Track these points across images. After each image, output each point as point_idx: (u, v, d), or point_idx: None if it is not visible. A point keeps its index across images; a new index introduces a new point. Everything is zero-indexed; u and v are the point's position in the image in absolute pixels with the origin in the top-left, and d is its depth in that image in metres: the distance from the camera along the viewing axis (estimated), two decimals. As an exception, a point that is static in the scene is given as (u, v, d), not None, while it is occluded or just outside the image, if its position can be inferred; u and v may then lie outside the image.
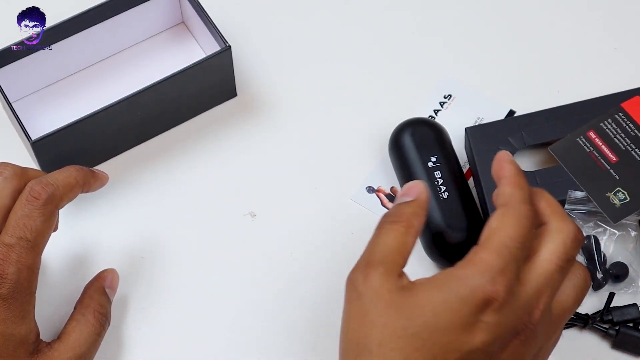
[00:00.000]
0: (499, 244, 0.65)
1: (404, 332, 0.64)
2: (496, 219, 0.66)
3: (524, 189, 0.68)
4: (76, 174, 0.76)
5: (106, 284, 0.80)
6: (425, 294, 0.65)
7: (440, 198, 0.83)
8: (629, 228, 0.83)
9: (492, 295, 0.64)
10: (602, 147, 0.85)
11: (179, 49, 0.94)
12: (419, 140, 0.85)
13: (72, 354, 0.75)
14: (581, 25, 0.97)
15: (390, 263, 0.67)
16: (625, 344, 0.81)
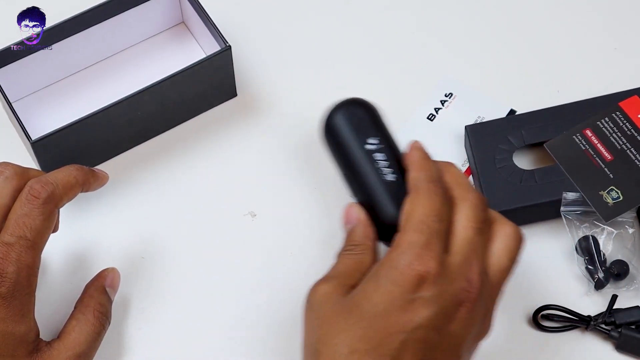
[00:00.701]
0: (416, 223, 0.68)
1: (346, 326, 0.66)
2: (409, 203, 0.69)
3: (429, 170, 0.71)
4: (76, 173, 0.76)
5: (107, 283, 0.80)
6: (361, 288, 0.68)
7: (387, 181, 0.75)
8: (626, 225, 0.83)
9: (422, 270, 0.66)
10: (598, 146, 0.85)
11: (179, 49, 0.94)
12: (353, 122, 0.78)
13: (71, 353, 0.75)
14: (581, 25, 0.97)
15: (343, 278, 0.70)
16: (628, 346, 0.81)
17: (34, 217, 0.73)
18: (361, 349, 0.66)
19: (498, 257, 0.70)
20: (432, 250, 0.67)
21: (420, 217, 0.68)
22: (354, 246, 0.71)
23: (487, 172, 0.86)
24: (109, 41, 0.92)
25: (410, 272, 0.66)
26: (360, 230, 0.72)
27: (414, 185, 0.71)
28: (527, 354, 0.82)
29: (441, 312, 0.66)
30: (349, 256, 0.71)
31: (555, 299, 0.83)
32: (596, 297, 0.83)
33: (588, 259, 0.83)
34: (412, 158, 0.72)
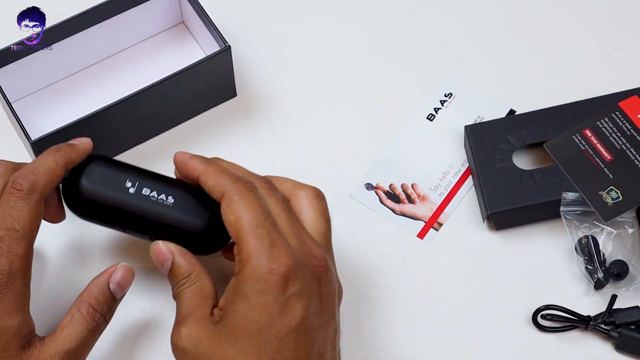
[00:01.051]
0: (250, 228, 0.69)
1: (236, 350, 0.68)
2: (229, 212, 0.70)
3: (221, 171, 0.72)
4: (54, 156, 0.75)
5: (112, 280, 0.77)
6: (234, 311, 0.68)
7: (171, 204, 0.76)
8: (626, 225, 0.83)
9: (283, 270, 0.68)
10: (598, 146, 0.85)
11: (179, 49, 0.94)
12: (100, 182, 0.76)
13: (61, 349, 0.73)
14: (581, 25, 0.97)
15: (196, 311, 0.71)
16: (628, 346, 0.81)
17: (19, 208, 0.73)
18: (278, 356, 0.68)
19: (314, 222, 0.73)
20: (279, 247, 0.69)
21: (250, 222, 0.69)
22: (185, 279, 0.73)
23: (486, 172, 0.86)
24: (109, 41, 0.92)
25: (274, 276, 0.68)
26: (181, 261, 0.74)
27: (220, 193, 0.71)
28: (527, 354, 0.82)
29: (311, 296, 0.69)
30: (187, 289, 0.72)
31: (555, 299, 0.83)
32: (596, 297, 0.83)
33: (588, 259, 0.83)
34: (196, 170, 0.73)
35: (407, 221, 0.88)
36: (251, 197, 0.71)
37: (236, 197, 0.71)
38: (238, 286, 0.69)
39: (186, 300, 0.72)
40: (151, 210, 0.76)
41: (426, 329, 0.83)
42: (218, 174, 0.72)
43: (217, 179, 0.72)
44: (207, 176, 0.73)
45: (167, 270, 0.74)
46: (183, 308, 0.72)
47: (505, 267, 0.85)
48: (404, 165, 0.90)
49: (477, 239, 0.86)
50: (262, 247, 0.69)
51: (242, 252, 0.69)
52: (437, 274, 0.85)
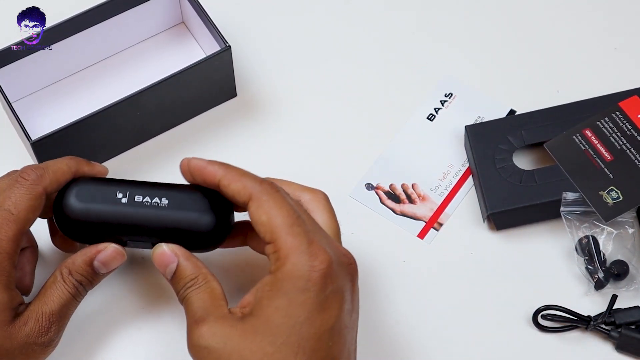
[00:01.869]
0: (286, 227, 0.70)
1: (273, 348, 0.67)
2: (262, 214, 0.70)
3: (243, 173, 0.73)
4: (68, 161, 0.77)
5: (99, 258, 0.77)
6: (270, 307, 0.68)
7: (166, 208, 0.76)
8: (626, 226, 0.83)
9: (324, 267, 0.68)
10: (598, 146, 0.85)
11: (179, 49, 0.94)
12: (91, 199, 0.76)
13: (46, 309, 0.75)
14: (581, 25, 0.97)
15: (214, 311, 0.71)
16: (628, 346, 0.81)
17: (20, 194, 0.74)
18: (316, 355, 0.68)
19: (328, 224, 0.74)
20: (316, 245, 0.69)
21: (285, 221, 0.70)
22: (192, 281, 0.73)
23: (487, 172, 0.86)
24: (109, 41, 0.92)
25: (315, 274, 0.68)
26: (187, 264, 0.74)
27: (247, 195, 0.72)
28: (527, 354, 0.82)
29: (345, 294, 0.70)
30: (196, 291, 0.72)
31: (555, 299, 0.83)
32: (596, 297, 0.83)
33: (588, 259, 0.83)
34: (216, 174, 0.73)
35: (408, 221, 0.88)
36: (280, 197, 0.71)
37: (265, 197, 0.71)
38: (277, 283, 0.69)
39: (199, 302, 0.72)
40: (150, 215, 0.75)
41: (426, 329, 0.83)
42: (241, 176, 0.73)
43: (241, 181, 0.72)
44: (229, 180, 0.73)
45: (170, 274, 0.74)
46: (197, 309, 0.71)
47: (505, 267, 0.85)
48: (404, 165, 0.90)
49: (477, 239, 0.86)
50: (302, 245, 0.69)
51: (279, 250, 0.69)
52: (437, 274, 0.85)
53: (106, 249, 0.76)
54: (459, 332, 0.83)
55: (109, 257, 0.77)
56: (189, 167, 0.75)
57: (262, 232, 0.71)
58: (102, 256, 0.77)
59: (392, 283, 0.84)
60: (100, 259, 0.76)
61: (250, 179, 0.73)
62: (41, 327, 0.74)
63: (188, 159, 0.75)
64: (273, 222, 0.70)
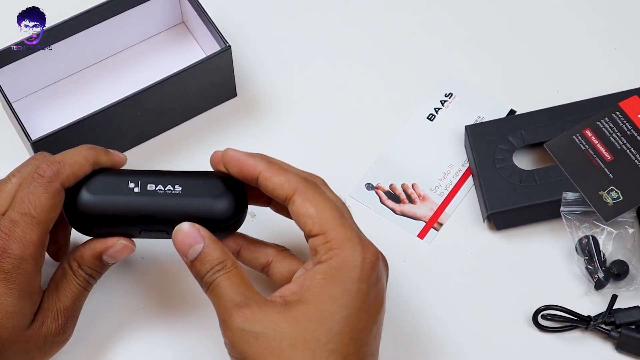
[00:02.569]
0: (335, 219, 0.70)
1: (328, 337, 0.67)
2: (310, 206, 0.71)
3: (291, 170, 0.73)
4: (85, 152, 0.75)
5: (108, 253, 0.76)
6: (324, 295, 0.68)
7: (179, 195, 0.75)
8: (626, 225, 0.83)
9: (374, 258, 0.70)
10: (598, 146, 0.85)
11: (179, 49, 0.94)
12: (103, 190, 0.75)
13: (61, 306, 0.75)
14: (581, 25, 0.97)
15: (254, 296, 0.70)
16: (628, 346, 0.81)
17: (38, 194, 0.73)
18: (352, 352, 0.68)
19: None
20: (364, 237, 0.70)
21: (334, 214, 0.71)
22: (220, 264, 0.71)
23: (487, 172, 0.86)
24: (109, 41, 0.92)
25: (368, 265, 0.69)
26: (215, 247, 0.72)
27: (291, 189, 0.72)
28: (527, 354, 0.82)
29: (385, 285, 0.71)
30: (227, 276, 0.71)
31: (555, 299, 0.83)
32: (596, 297, 0.83)
33: (588, 259, 0.83)
34: (257, 167, 0.73)
35: (408, 221, 0.88)
36: (322, 191, 0.72)
37: (311, 191, 0.72)
38: (331, 272, 0.69)
39: (233, 286, 0.70)
40: (164, 202, 0.74)
41: (426, 329, 0.83)
42: (284, 171, 0.73)
43: (285, 176, 0.72)
44: (271, 173, 0.73)
45: (194, 255, 0.72)
46: (234, 293, 0.70)
47: (505, 267, 0.85)
48: (404, 165, 0.90)
49: (477, 239, 0.86)
50: (354, 237, 0.70)
51: (331, 240, 0.70)
52: (437, 274, 0.85)
53: (115, 245, 0.76)
54: (459, 332, 0.83)
55: (119, 252, 0.76)
56: (225, 158, 0.74)
57: (309, 225, 0.71)
58: (112, 251, 0.76)
59: (392, 283, 0.84)
60: (109, 254, 0.76)
61: (293, 173, 0.73)
62: (58, 325, 0.75)
63: (224, 150, 0.75)
64: (322, 214, 0.70)
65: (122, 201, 0.75)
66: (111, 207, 0.75)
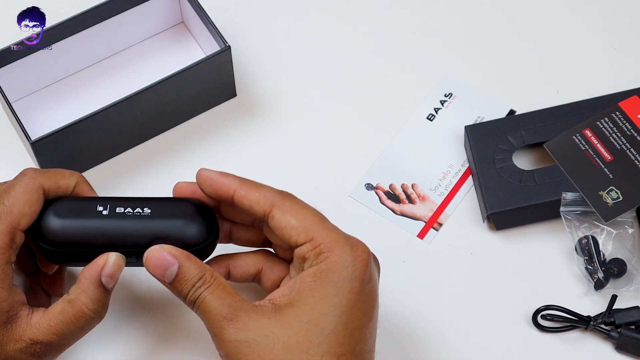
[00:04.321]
0: (318, 223, 0.71)
1: (321, 338, 0.67)
2: (288, 219, 0.71)
3: (264, 185, 0.73)
4: (73, 172, 0.76)
5: (104, 273, 0.72)
6: (314, 297, 0.68)
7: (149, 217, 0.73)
8: (626, 226, 0.83)
9: (366, 256, 0.70)
10: (598, 146, 0.85)
11: (179, 49, 0.94)
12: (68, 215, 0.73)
13: (42, 339, 0.71)
14: (581, 25, 0.97)
15: (241, 304, 0.69)
16: (628, 346, 0.81)
17: (14, 188, 0.73)
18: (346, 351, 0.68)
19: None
20: (352, 237, 0.71)
21: (316, 218, 0.71)
22: (200, 280, 0.70)
23: (486, 172, 0.86)
24: (109, 41, 0.92)
25: (359, 264, 0.69)
26: (190, 263, 0.71)
27: (268, 203, 0.71)
28: (527, 354, 0.82)
29: (377, 284, 0.72)
30: (209, 290, 0.70)
31: (555, 299, 0.83)
32: (596, 297, 0.83)
33: (588, 259, 0.83)
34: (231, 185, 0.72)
35: (407, 221, 0.88)
36: (299, 201, 0.72)
37: (289, 202, 0.71)
38: (322, 274, 0.69)
39: (218, 299, 0.70)
40: (133, 225, 0.73)
41: (426, 329, 0.83)
42: (258, 187, 0.72)
43: (259, 192, 0.72)
44: (245, 191, 0.72)
45: (171, 277, 0.71)
46: (220, 307, 0.69)
47: (505, 267, 0.85)
48: (404, 165, 0.90)
49: (477, 239, 0.86)
50: (341, 238, 0.70)
51: (320, 245, 0.70)
52: (436, 274, 0.85)
53: (107, 263, 0.73)
54: (458, 332, 0.83)
55: (114, 268, 0.73)
56: (199, 179, 0.74)
57: (294, 235, 0.70)
58: (107, 271, 0.72)
59: (392, 283, 0.84)
60: (106, 274, 0.72)
61: (268, 189, 0.72)
62: (34, 352, 0.71)
63: (197, 170, 0.74)
64: (305, 222, 0.71)
65: (89, 225, 0.73)
66: (81, 231, 0.73)
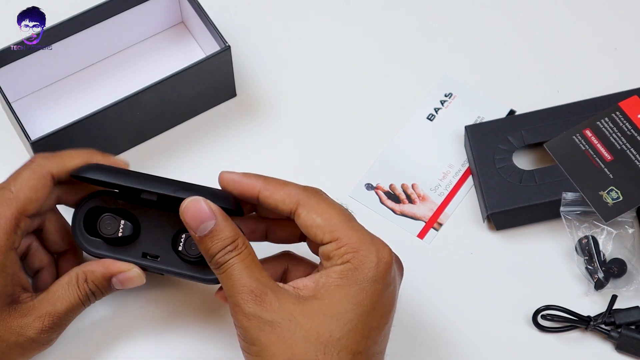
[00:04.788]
0: (344, 223, 0.71)
1: (341, 333, 0.68)
2: (313, 217, 0.71)
3: (290, 183, 0.73)
4: (81, 151, 0.77)
5: (119, 277, 0.76)
6: (339, 294, 0.69)
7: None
8: (626, 225, 0.83)
9: (389, 258, 0.70)
10: (598, 146, 0.85)
11: (179, 49, 0.94)
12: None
13: (51, 310, 0.74)
14: (581, 25, 0.97)
15: (268, 282, 0.70)
16: (628, 346, 0.81)
17: (22, 174, 0.74)
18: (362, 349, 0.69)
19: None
20: (377, 239, 0.71)
21: (342, 218, 0.71)
22: (232, 244, 0.70)
23: (486, 172, 0.86)
24: (109, 41, 0.92)
25: (384, 266, 0.70)
26: (227, 224, 0.71)
27: (294, 202, 0.71)
28: (527, 354, 0.82)
29: (398, 291, 0.72)
30: (240, 257, 0.70)
31: (555, 299, 0.83)
32: (596, 297, 0.83)
33: (588, 259, 0.83)
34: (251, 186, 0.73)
35: (407, 221, 0.88)
36: (327, 199, 0.72)
37: (314, 200, 0.71)
38: (348, 273, 0.69)
39: (247, 270, 0.70)
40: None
41: (426, 329, 0.83)
42: (283, 185, 0.73)
43: (284, 190, 0.72)
44: (270, 190, 0.72)
45: (204, 231, 0.71)
46: (248, 279, 0.69)
47: (505, 267, 0.85)
48: (404, 165, 0.90)
49: (477, 239, 0.86)
50: (367, 239, 0.70)
51: (345, 245, 0.70)
52: (437, 274, 0.85)
53: (129, 272, 0.75)
54: (458, 332, 0.83)
55: (129, 281, 0.76)
56: (222, 182, 0.74)
57: (319, 234, 0.71)
58: (123, 277, 0.76)
59: (392, 283, 0.84)
60: (120, 278, 0.76)
61: (293, 186, 0.72)
62: (42, 326, 0.74)
63: (219, 173, 0.74)
64: (330, 221, 0.71)
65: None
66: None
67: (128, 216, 0.77)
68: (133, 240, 0.77)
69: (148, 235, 0.77)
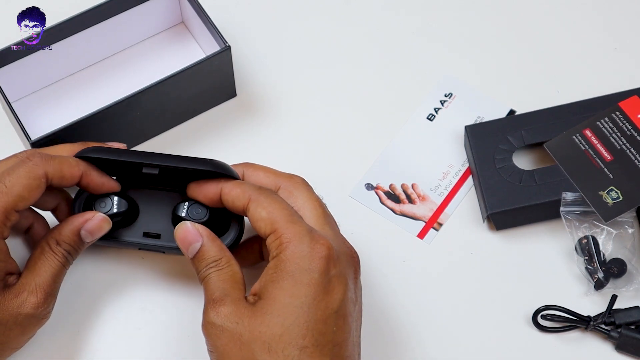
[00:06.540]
0: (285, 217, 0.72)
1: (282, 329, 0.69)
2: (259, 211, 0.73)
3: (246, 182, 0.76)
4: (74, 145, 0.79)
5: (86, 227, 0.78)
6: (275, 289, 0.70)
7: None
8: (626, 225, 0.83)
9: (325, 251, 0.71)
10: (598, 146, 0.85)
11: (179, 49, 0.94)
12: None
13: (39, 281, 0.76)
14: (581, 25, 0.97)
15: (232, 293, 0.72)
16: (628, 346, 0.81)
17: (18, 171, 0.75)
18: (309, 344, 0.69)
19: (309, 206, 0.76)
20: (316, 232, 0.72)
21: (284, 212, 0.73)
22: (215, 262, 0.74)
23: (486, 172, 0.86)
24: (109, 41, 0.92)
25: (317, 255, 0.70)
26: (211, 245, 0.75)
27: (246, 197, 0.74)
28: (527, 354, 0.82)
29: (349, 281, 0.72)
30: (218, 273, 0.74)
31: (555, 299, 0.83)
32: (596, 297, 0.83)
33: (588, 259, 0.83)
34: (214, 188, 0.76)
35: (407, 221, 0.88)
36: (277, 196, 0.74)
37: (263, 196, 0.74)
38: (280, 265, 0.71)
39: (219, 282, 0.73)
40: None
41: (426, 329, 0.83)
42: (239, 184, 0.76)
43: (240, 187, 0.75)
44: (229, 188, 0.76)
45: (193, 252, 0.75)
46: (216, 289, 0.73)
47: (505, 267, 0.85)
48: (404, 165, 0.90)
49: (477, 239, 0.86)
50: (303, 231, 0.71)
51: (281, 237, 0.72)
52: (437, 274, 0.85)
53: (93, 218, 0.78)
54: (458, 332, 0.83)
55: (96, 227, 0.78)
56: (188, 190, 0.78)
57: (262, 227, 0.73)
58: (90, 225, 0.78)
59: (392, 283, 0.84)
60: (87, 228, 0.78)
61: (248, 185, 0.75)
62: (37, 299, 0.75)
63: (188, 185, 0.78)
64: (272, 215, 0.73)
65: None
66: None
67: (126, 199, 0.79)
68: (133, 221, 0.80)
69: (147, 215, 0.80)
